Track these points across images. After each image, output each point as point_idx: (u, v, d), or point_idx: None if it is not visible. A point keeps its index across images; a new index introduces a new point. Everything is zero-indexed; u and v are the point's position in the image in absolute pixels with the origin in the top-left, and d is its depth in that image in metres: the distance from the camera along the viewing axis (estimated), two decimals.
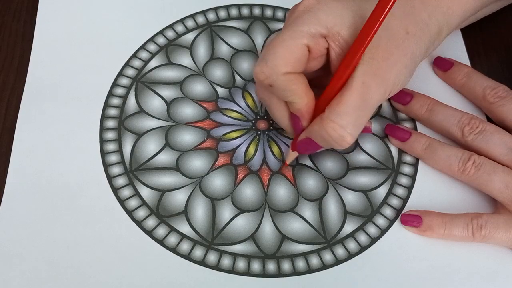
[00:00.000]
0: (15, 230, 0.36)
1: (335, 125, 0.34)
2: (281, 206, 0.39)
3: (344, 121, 0.34)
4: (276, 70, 0.34)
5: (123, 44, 0.44)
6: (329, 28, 0.34)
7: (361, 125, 0.35)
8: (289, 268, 0.37)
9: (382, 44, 0.34)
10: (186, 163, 0.40)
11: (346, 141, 0.34)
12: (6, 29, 0.45)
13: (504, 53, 0.47)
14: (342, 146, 0.35)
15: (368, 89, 0.34)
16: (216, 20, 0.46)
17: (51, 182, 0.38)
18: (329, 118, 0.34)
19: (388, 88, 0.35)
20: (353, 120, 0.34)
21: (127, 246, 0.37)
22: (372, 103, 0.34)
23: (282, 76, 0.34)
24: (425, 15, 0.37)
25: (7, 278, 0.35)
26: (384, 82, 0.34)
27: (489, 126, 0.39)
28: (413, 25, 0.36)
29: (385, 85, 0.35)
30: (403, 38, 0.35)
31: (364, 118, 0.35)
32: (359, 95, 0.34)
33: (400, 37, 0.35)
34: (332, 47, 0.35)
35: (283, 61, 0.34)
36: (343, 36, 0.35)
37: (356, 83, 0.34)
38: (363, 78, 0.34)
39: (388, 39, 0.35)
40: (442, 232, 0.38)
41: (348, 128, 0.34)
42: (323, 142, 0.36)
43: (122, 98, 0.42)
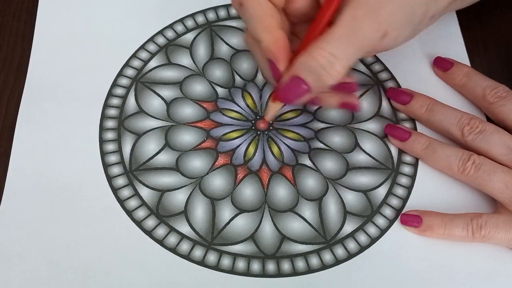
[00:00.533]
0: (15, 230, 0.36)
1: (323, 51, 0.32)
2: (281, 206, 0.39)
3: (333, 48, 0.32)
4: None
5: (123, 44, 0.44)
6: None
7: (352, 56, 0.33)
8: (289, 268, 0.37)
9: None
10: (186, 163, 0.40)
11: (335, 69, 0.32)
12: (6, 29, 0.45)
13: (504, 53, 0.47)
14: (332, 76, 0.33)
15: (359, 22, 0.32)
16: (216, 20, 0.46)
17: (51, 182, 0.38)
18: (317, 45, 0.32)
19: (383, 25, 0.33)
20: (343, 48, 0.32)
21: (127, 246, 0.37)
22: (363, 36, 0.33)
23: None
24: None
25: (7, 278, 0.35)
26: (377, 18, 0.33)
27: (489, 126, 0.39)
28: None
29: (379, 21, 0.33)
30: None
31: (355, 50, 0.33)
32: (349, 26, 0.32)
33: None
34: None
35: None
36: None
37: (346, 16, 0.32)
38: (353, 12, 0.32)
39: None
40: (442, 232, 0.38)
41: (338, 54, 0.32)
42: (311, 74, 0.33)
43: (122, 98, 0.42)
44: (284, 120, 0.42)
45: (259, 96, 0.43)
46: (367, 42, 0.33)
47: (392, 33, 0.34)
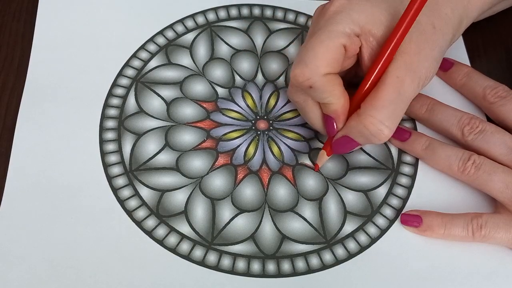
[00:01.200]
0: (15, 230, 0.36)
1: (373, 119, 0.34)
2: (281, 206, 0.39)
3: (382, 115, 0.34)
4: (317, 71, 0.34)
5: (123, 44, 0.44)
6: (362, 26, 0.35)
7: (398, 118, 0.35)
8: (289, 268, 0.37)
9: (413, 39, 0.35)
10: (186, 163, 0.40)
11: (384, 134, 0.35)
12: (6, 29, 0.45)
13: (504, 53, 0.47)
14: (381, 140, 0.35)
15: (402, 83, 0.34)
16: (216, 20, 0.46)
17: (51, 182, 0.38)
18: (366, 113, 0.35)
19: (421, 82, 0.36)
20: (390, 113, 0.35)
21: (127, 246, 0.37)
22: (407, 96, 0.35)
23: (322, 77, 0.34)
24: (448, 9, 0.38)
25: (7, 278, 0.35)
26: (417, 76, 0.35)
27: (489, 126, 0.39)
28: (439, 20, 0.37)
29: (418, 79, 0.35)
30: (431, 32, 0.36)
31: (400, 111, 0.35)
32: (395, 89, 0.34)
33: (429, 31, 0.36)
34: (365, 46, 0.36)
35: (324, 62, 0.34)
36: (374, 34, 0.35)
37: (391, 78, 0.34)
38: (397, 73, 0.34)
39: (418, 34, 0.36)
40: (442, 232, 0.38)
41: (386, 121, 0.34)
42: (361, 137, 0.36)
43: (122, 98, 0.42)
44: (284, 120, 0.42)
45: (259, 96, 0.43)
46: (409, 100, 0.36)
47: (426, 83, 0.37)
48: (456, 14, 0.38)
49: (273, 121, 0.42)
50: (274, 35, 0.46)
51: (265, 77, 0.44)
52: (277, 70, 0.45)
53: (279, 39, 0.46)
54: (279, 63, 0.45)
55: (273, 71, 0.44)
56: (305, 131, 0.42)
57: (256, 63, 0.45)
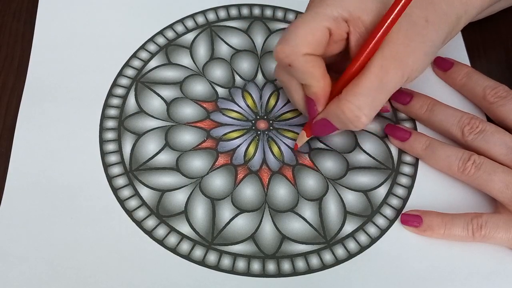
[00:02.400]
0: (15, 230, 0.36)
1: (351, 105, 0.34)
2: (281, 206, 0.39)
3: (360, 102, 0.34)
4: (297, 50, 0.34)
5: (123, 44, 0.44)
6: (351, 12, 0.35)
7: (377, 107, 0.35)
8: (289, 268, 0.37)
9: (402, 30, 0.35)
10: (186, 163, 0.40)
11: (361, 121, 0.35)
12: (6, 29, 0.45)
13: (504, 53, 0.47)
14: (357, 127, 0.35)
15: (386, 73, 0.34)
16: (216, 20, 0.46)
17: (51, 182, 0.38)
18: (345, 98, 0.35)
19: (406, 73, 0.35)
20: (369, 101, 0.34)
21: (127, 246, 0.37)
22: (389, 86, 0.35)
23: (301, 56, 0.34)
24: (444, 4, 0.37)
25: (7, 278, 0.35)
26: (402, 67, 0.35)
27: (489, 126, 0.39)
28: (433, 14, 0.36)
29: (403, 70, 0.35)
30: (423, 26, 0.36)
31: (380, 101, 0.35)
32: (377, 78, 0.34)
33: (420, 25, 0.36)
34: (353, 32, 0.35)
35: (304, 42, 0.34)
36: (364, 22, 0.35)
37: (374, 66, 0.34)
38: (382, 62, 0.34)
39: (409, 26, 0.35)
40: (442, 232, 0.38)
41: (364, 109, 0.34)
42: (339, 122, 0.36)
43: (122, 98, 0.42)
44: (284, 120, 0.42)
45: (259, 96, 0.43)
46: (391, 90, 0.35)
47: (413, 76, 0.36)
48: (453, 10, 0.37)
49: (273, 121, 0.42)
50: (274, 35, 0.46)
51: (265, 77, 0.44)
52: None
53: (279, 39, 0.46)
54: None
55: (273, 71, 0.44)
56: None
57: (256, 63, 0.45)
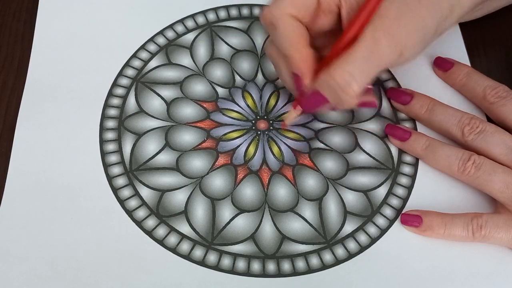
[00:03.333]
0: (15, 230, 0.36)
1: (342, 71, 0.34)
2: (281, 206, 0.39)
3: (351, 68, 0.34)
4: (282, 8, 0.35)
5: (123, 44, 0.44)
6: None
7: (368, 76, 0.35)
8: (289, 268, 0.37)
9: (394, 5, 0.35)
10: (186, 163, 0.40)
11: (352, 88, 0.34)
12: (6, 29, 0.45)
13: (504, 53, 0.47)
14: (348, 95, 0.35)
15: (377, 44, 0.34)
16: (216, 20, 0.46)
17: (51, 182, 0.38)
18: (337, 65, 0.34)
19: (399, 47, 0.35)
20: (361, 68, 0.34)
21: (127, 246, 0.37)
22: (381, 57, 0.35)
23: (286, 16, 0.35)
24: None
25: (7, 278, 0.35)
26: (395, 40, 0.35)
27: (489, 126, 0.39)
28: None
29: (396, 43, 0.35)
30: (415, 5, 0.36)
31: (372, 70, 0.35)
32: (369, 48, 0.34)
33: (413, 4, 0.36)
34: (343, 6, 0.36)
35: (290, 2, 0.35)
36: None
37: (366, 37, 0.34)
38: (374, 33, 0.34)
39: (401, 4, 0.35)
40: (442, 232, 0.38)
41: (355, 74, 0.34)
42: (330, 91, 0.36)
43: (122, 98, 0.42)
44: (284, 120, 0.42)
45: (259, 96, 0.43)
46: (383, 62, 0.35)
47: (407, 52, 0.36)
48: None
49: (273, 121, 0.42)
50: None
51: (265, 77, 0.44)
52: None
53: None
54: None
55: (273, 71, 0.44)
56: (305, 131, 0.42)
57: (256, 63, 0.45)
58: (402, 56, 0.35)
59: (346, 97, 0.35)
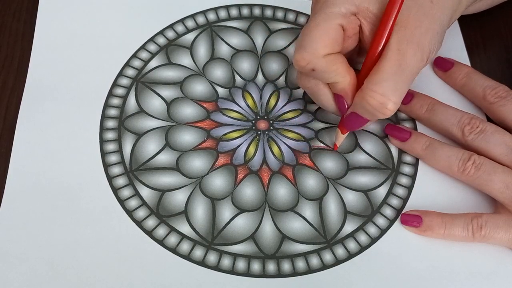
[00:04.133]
0: (15, 230, 0.36)
1: (374, 94, 0.34)
2: (281, 206, 0.39)
3: (382, 89, 0.34)
4: (316, 53, 0.35)
5: (123, 44, 0.44)
6: (358, 5, 0.35)
7: (401, 91, 0.35)
8: (289, 268, 0.37)
9: (412, 13, 0.35)
10: (186, 163, 0.40)
11: (387, 108, 0.35)
12: (6, 29, 0.45)
13: (504, 53, 0.47)
14: (386, 114, 0.35)
15: (403, 56, 0.34)
16: (216, 20, 0.46)
17: (51, 182, 0.38)
18: (368, 87, 0.35)
19: (425, 54, 0.35)
20: (392, 86, 0.34)
21: (127, 246, 0.37)
22: (410, 69, 0.35)
23: (322, 58, 0.35)
24: None
25: (7, 278, 0.35)
26: (419, 48, 0.35)
27: (489, 126, 0.39)
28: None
29: (421, 51, 0.35)
30: (429, 7, 0.36)
31: (403, 84, 0.35)
32: (395, 62, 0.34)
33: (427, 5, 0.36)
34: (364, 24, 0.36)
35: (321, 44, 0.35)
36: (372, 11, 0.36)
37: (391, 51, 0.34)
38: (398, 46, 0.34)
39: (417, 9, 0.35)
40: (442, 232, 0.38)
41: (388, 94, 0.34)
42: (367, 113, 0.36)
43: (122, 98, 0.42)
44: (284, 120, 0.42)
45: (259, 96, 0.43)
46: (413, 73, 0.35)
47: (431, 56, 0.36)
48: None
49: (273, 121, 0.42)
50: (274, 35, 0.46)
51: (266, 77, 0.44)
52: (277, 70, 0.45)
53: (279, 39, 0.46)
54: (279, 63, 0.45)
55: (273, 71, 0.44)
56: (305, 131, 0.42)
57: (257, 63, 0.45)
58: (428, 60, 0.36)
59: (383, 116, 0.36)
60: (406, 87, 0.35)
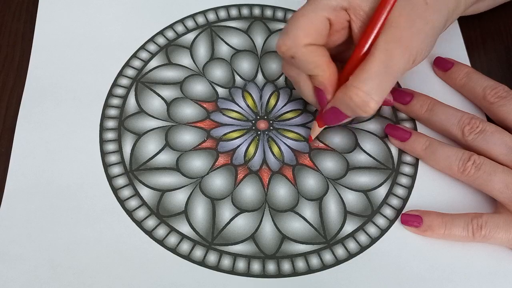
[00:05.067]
0: (15, 230, 0.36)
1: (358, 91, 0.34)
2: (281, 206, 0.39)
3: (367, 87, 0.34)
4: (297, 41, 0.35)
5: (123, 44, 0.44)
6: (350, 1, 0.35)
7: (384, 91, 0.35)
8: (289, 268, 0.37)
9: (404, 13, 0.35)
10: (186, 163, 0.40)
11: (370, 106, 0.35)
12: (6, 29, 0.45)
13: (504, 53, 0.47)
14: (366, 113, 0.35)
15: (391, 56, 0.34)
16: (216, 21, 0.46)
17: (51, 182, 0.38)
18: (352, 84, 0.35)
19: (412, 56, 0.35)
20: (376, 85, 0.34)
21: (127, 246, 0.37)
22: (395, 70, 0.35)
23: (303, 47, 0.35)
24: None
25: (7, 278, 0.35)
26: (408, 50, 0.35)
27: (489, 126, 0.39)
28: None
29: (409, 53, 0.35)
30: (423, 8, 0.36)
31: (387, 84, 0.35)
32: (382, 62, 0.34)
33: (420, 7, 0.36)
34: (354, 20, 0.36)
35: (304, 32, 0.35)
36: (363, 8, 0.35)
37: (379, 51, 0.34)
38: (386, 46, 0.34)
39: (410, 9, 0.35)
40: (442, 232, 0.38)
41: (372, 93, 0.34)
42: (348, 109, 0.36)
43: (122, 98, 0.42)
44: (284, 120, 0.42)
45: (259, 96, 0.43)
46: (399, 73, 0.35)
47: (419, 58, 0.36)
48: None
49: (273, 121, 0.42)
50: (274, 35, 0.46)
51: (265, 77, 0.44)
52: (277, 70, 0.45)
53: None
54: (279, 63, 0.45)
55: (273, 71, 0.44)
56: (305, 131, 0.42)
57: (256, 63, 0.45)
58: (415, 62, 0.36)
59: (364, 114, 0.35)
60: (390, 87, 0.35)
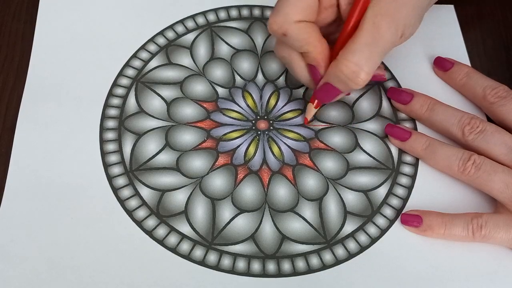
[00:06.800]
0: (15, 230, 0.36)
1: (348, 63, 0.35)
2: (281, 206, 0.39)
3: (356, 58, 0.35)
4: (288, 18, 0.36)
5: (123, 44, 0.44)
6: None
7: (374, 63, 0.36)
8: (289, 268, 0.37)
9: None
10: (186, 163, 0.40)
11: (360, 77, 0.35)
12: (6, 29, 0.45)
13: (504, 53, 0.47)
14: (358, 84, 0.36)
15: (378, 28, 0.35)
16: (216, 21, 0.46)
17: (51, 182, 0.38)
18: (342, 57, 0.36)
19: (400, 28, 0.36)
20: (366, 56, 0.35)
21: (127, 246, 0.37)
22: (384, 41, 0.35)
23: (294, 24, 0.36)
24: None
25: (7, 278, 0.35)
26: (394, 22, 0.35)
27: (490, 126, 0.39)
28: None
29: (396, 25, 0.36)
30: None
31: (377, 56, 0.36)
32: (370, 34, 0.35)
33: None
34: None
35: (294, 9, 0.36)
36: None
37: (367, 24, 0.35)
38: (373, 19, 0.35)
39: None
40: (442, 232, 0.38)
41: (361, 63, 0.35)
42: (340, 83, 0.37)
43: (122, 98, 0.42)
44: (284, 120, 0.42)
45: (259, 96, 0.43)
46: (387, 46, 0.36)
47: (407, 32, 0.37)
48: None
49: (273, 121, 0.42)
50: None
51: (265, 77, 0.44)
52: (277, 70, 0.45)
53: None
54: (279, 63, 0.45)
55: (273, 71, 0.44)
56: (305, 131, 0.42)
57: (257, 63, 0.45)
58: (404, 36, 0.37)
59: (355, 85, 0.36)
60: (379, 59, 0.36)
